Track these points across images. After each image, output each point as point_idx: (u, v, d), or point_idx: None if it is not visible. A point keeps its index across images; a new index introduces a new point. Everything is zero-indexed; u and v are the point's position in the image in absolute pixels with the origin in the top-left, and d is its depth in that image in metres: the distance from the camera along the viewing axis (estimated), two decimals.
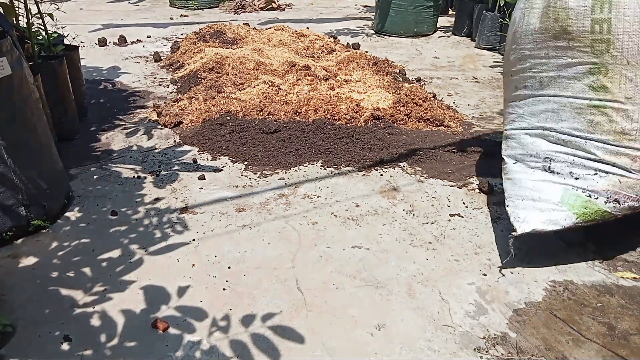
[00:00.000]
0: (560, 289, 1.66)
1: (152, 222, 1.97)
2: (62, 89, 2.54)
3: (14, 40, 1.76)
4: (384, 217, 2.03)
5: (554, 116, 1.70)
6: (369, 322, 1.51)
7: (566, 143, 1.68)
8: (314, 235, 1.91)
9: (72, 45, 2.90)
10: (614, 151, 1.61)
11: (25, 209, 1.82)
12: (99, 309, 1.54)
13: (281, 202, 2.12)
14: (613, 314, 1.56)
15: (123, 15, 5.72)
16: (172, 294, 1.61)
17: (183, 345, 1.42)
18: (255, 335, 1.45)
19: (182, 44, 4.14)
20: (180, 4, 6.14)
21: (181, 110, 2.88)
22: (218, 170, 2.38)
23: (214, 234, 1.91)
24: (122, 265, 1.73)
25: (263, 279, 1.68)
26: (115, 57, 4.09)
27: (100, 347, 1.41)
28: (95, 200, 2.10)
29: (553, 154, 1.70)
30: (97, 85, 3.45)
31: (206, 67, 3.42)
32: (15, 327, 1.46)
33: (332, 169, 2.40)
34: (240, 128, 2.65)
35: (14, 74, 1.71)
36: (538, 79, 1.73)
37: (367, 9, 6.07)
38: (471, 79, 3.71)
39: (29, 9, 2.35)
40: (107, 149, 2.56)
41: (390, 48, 4.52)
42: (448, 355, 1.40)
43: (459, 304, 1.59)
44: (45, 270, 1.70)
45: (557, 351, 1.43)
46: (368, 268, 1.74)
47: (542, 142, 1.72)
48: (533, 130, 1.76)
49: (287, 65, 3.38)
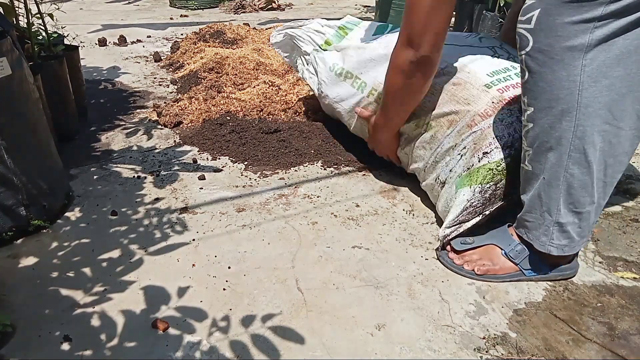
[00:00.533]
0: (560, 289, 1.66)
1: (152, 222, 1.98)
2: (62, 89, 2.54)
3: (14, 40, 1.76)
4: (384, 217, 2.04)
5: (420, 157, 2.03)
6: (369, 322, 1.51)
7: (436, 161, 1.92)
8: (314, 235, 1.91)
9: (72, 45, 2.90)
10: (455, 133, 1.85)
11: (25, 209, 1.82)
12: (99, 309, 1.54)
13: (281, 202, 2.12)
14: (613, 314, 1.56)
15: (123, 15, 5.72)
16: (172, 294, 1.61)
17: (183, 345, 1.42)
18: (255, 335, 1.45)
19: (182, 44, 4.14)
20: (180, 4, 6.15)
21: (181, 110, 2.88)
22: (218, 170, 2.38)
23: (214, 234, 1.91)
24: (122, 265, 1.73)
25: (263, 279, 1.68)
26: (115, 57, 4.10)
27: (100, 347, 1.41)
28: (95, 200, 2.10)
29: (436, 173, 1.93)
30: (97, 85, 3.45)
31: (206, 67, 3.42)
32: (15, 327, 1.46)
33: (332, 169, 2.40)
34: (240, 128, 2.65)
35: (14, 74, 1.71)
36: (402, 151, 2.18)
37: (367, 9, 6.07)
38: None
39: (29, 9, 2.35)
40: (107, 149, 2.56)
41: None
42: (448, 355, 1.40)
43: (459, 304, 1.59)
44: (45, 270, 1.70)
45: (557, 351, 1.43)
46: (368, 268, 1.74)
47: (429, 177, 1.99)
48: (422, 177, 2.06)
49: (287, 65, 3.38)
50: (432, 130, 1.93)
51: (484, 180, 1.75)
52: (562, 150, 1.45)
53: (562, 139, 1.44)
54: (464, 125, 1.83)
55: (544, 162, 1.50)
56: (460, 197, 1.79)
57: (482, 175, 1.75)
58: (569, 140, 1.43)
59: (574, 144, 1.43)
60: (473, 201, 1.76)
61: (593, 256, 1.82)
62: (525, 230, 1.66)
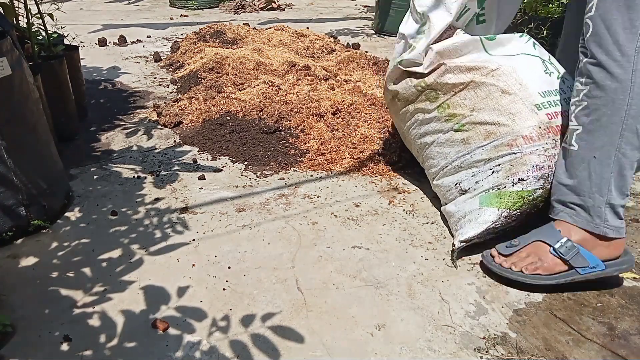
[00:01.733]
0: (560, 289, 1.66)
1: (152, 222, 1.98)
2: (62, 89, 2.54)
3: (14, 40, 1.76)
4: (384, 217, 2.04)
5: (441, 154, 1.93)
6: (369, 322, 1.51)
7: (461, 167, 1.86)
8: (314, 235, 1.91)
9: (72, 45, 2.90)
10: (492, 147, 1.78)
11: (25, 209, 1.82)
12: (98, 309, 1.54)
13: (281, 202, 2.12)
14: (613, 314, 1.56)
15: (123, 15, 5.72)
16: (172, 294, 1.61)
17: (183, 345, 1.42)
18: (255, 335, 1.45)
19: (182, 44, 4.14)
20: (180, 4, 6.15)
21: (181, 110, 2.88)
22: (218, 170, 2.38)
23: (214, 234, 1.91)
24: (122, 265, 1.73)
25: (263, 279, 1.68)
26: (115, 57, 4.10)
27: (100, 347, 1.41)
28: (95, 200, 2.10)
29: (458, 178, 1.88)
30: (97, 85, 3.45)
31: (206, 67, 3.42)
32: (15, 327, 1.46)
33: (332, 169, 2.39)
34: (240, 128, 2.65)
35: (14, 74, 1.71)
36: (418, 134, 2.06)
37: (367, 9, 6.07)
38: None
39: (29, 9, 2.35)
40: (107, 149, 2.56)
41: (391, 48, 4.52)
42: (448, 355, 1.40)
43: (459, 304, 1.59)
44: (45, 270, 1.70)
45: (557, 351, 1.43)
46: (368, 268, 1.74)
47: (446, 178, 1.94)
48: (437, 174, 1.99)
49: (287, 65, 3.38)
50: (465, 133, 1.84)
51: (513, 206, 1.71)
52: (614, 129, 1.43)
53: (615, 117, 1.43)
54: (504, 143, 1.75)
55: (595, 140, 1.48)
56: (484, 215, 1.74)
57: (513, 201, 1.71)
58: (622, 119, 1.42)
59: (626, 122, 1.42)
60: (497, 224, 1.72)
61: None
62: (572, 214, 1.58)
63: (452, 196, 1.92)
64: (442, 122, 1.91)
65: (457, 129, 1.86)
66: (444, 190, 1.96)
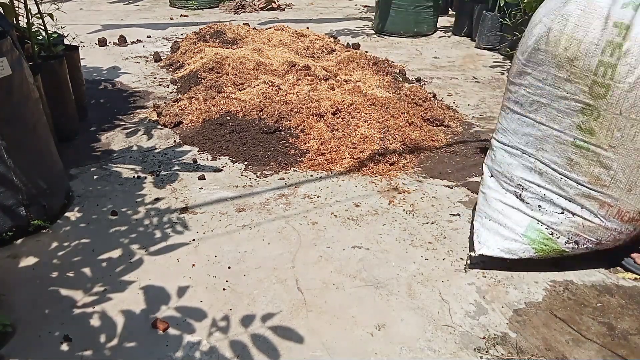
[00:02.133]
0: (560, 289, 1.66)
1: (152, 222, 1.97)
2: (62, 89, 2.54)
3: (14, 40, 1.76)
4: (384, 217, 2.03)
5: (535, 143, 1.70)
6: (369, 322, 1.51)
7: (541, 174, 1.69)
8: (314, 235, 1.91)
9: (72, 45, 2.90)
10: (585, 193, 1.61)
11: (25, 209, 1.82)
12: (98, 309, 1.54)
13: (281, 202, 2.12)
14: (613, 314, 1.56)
15: (123, 15, 5.72)
16: (172, 294, 1.61)
17: (183, 345, 1.42)
18: (255, 335, 1.45)
19: (182, 44, 4.14)
20: (180, 4, 6.14)
21: (181, 110, 2.88)
22: (218, 170, 2.38)
23: (214, 234, 1.91)
24: (122, 265, 1.73)
25: (263, 279, 1.68)
26: (115, 57, 4.09)
27: (100, 347, 1.41)
28: (95, 200, 2.10)
29: (526, 183, 1.72)
30: (97, 85, 3.45)
31: (206, 67, 3.42)
32: (15, 327, 1.46)
33: (332, 169, 2.39)
34: (240, 128, 2.65)
35: (14, 74, 1.71)
36: (530, 100, 1.70)
37: (367, 9, 6.07)
38: (471, 79, 3.72)
39: (29, 9, 2.35)
40: (107, 149, 2.56)
41: (390, 48, 4.52)
42: (448, 355, 1.40)
43: (459, 304, 1.59)
44: (45, 270, 1.70)
45: (557, 351, 1.42)
46: (368, 268, 1.74)
47: (518, 165, 1.74)
48: (512, 149, 1.76)
49: (287, 65, 3.37)
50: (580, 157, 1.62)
51: (541, 253, 1.69)
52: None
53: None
54: (599, 199, 1.61)
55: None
56: (519, 249, 1.70)
57: (547, 250, 1.68)
58: None
59: None
60: (516, 258, 1.71)
61: (593, 256, 1.82)
62: None
63: (504, 183, 1.78)
64: (573, 123, 1.62)
65: (579, 145, 1.63)
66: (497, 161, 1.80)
